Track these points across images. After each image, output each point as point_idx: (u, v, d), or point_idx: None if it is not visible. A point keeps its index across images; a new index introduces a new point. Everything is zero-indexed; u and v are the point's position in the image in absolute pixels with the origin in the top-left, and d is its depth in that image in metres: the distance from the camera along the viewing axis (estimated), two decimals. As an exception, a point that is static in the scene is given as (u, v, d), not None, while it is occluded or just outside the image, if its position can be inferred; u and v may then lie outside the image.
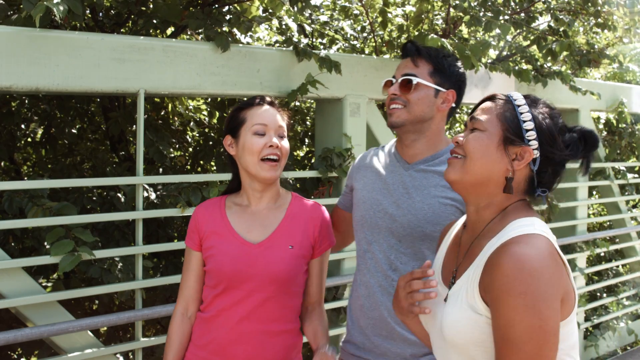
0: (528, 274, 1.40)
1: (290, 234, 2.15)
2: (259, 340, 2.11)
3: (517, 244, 1.46)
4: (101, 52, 2.91)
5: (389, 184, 2.20)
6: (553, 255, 1.46)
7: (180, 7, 3.72)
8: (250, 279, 2.10)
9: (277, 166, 2.15)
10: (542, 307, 1.39)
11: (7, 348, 3.98)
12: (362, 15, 5.07)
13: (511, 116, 1.61)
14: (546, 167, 1.59)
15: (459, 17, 4.43)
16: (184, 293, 2.23)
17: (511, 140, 1.58)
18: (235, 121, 2.18)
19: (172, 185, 3.41)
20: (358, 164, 2.38)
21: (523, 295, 1.39)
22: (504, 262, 1.43)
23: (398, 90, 2.15)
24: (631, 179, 5.92)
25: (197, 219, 2.22)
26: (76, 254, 2.82)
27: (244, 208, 2.21)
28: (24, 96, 4.33)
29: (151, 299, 3.87)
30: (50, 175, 4.11)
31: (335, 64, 3.51)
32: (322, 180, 3.80)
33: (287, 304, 2.15)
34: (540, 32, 4.76)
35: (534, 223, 1.52)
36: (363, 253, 2.24)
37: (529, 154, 1.57)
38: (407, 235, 2.11)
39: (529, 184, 1.61)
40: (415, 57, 2.18)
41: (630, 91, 6.04)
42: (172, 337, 2.22)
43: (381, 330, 2.15)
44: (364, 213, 2.23)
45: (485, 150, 1.60)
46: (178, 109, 4.71)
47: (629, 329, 5.93)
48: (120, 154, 4.52)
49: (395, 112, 2.15)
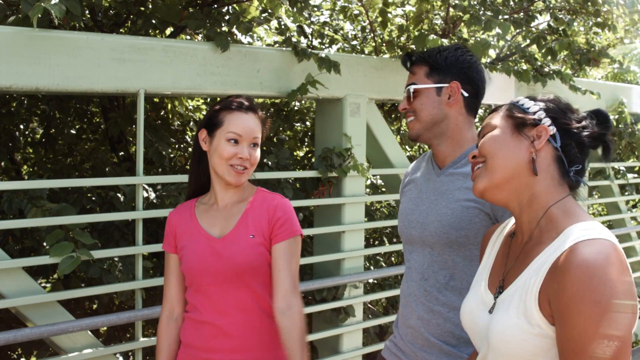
0: (601, 281, 1.31)
1: (251, 224, 2.18)
2: (241, 331, 2.15)
3: (585, 248, 1.36)
4: (101, 52, 2.91)
5: (423, 192, 2.16)
6: (622, 261, 1.37)
7: (179, 7, 3.71)
8: (218, 273, 2.14)
9: (245, 173, 2.19)
10: (616, 316, 1.31)
11: (7, 348, 3.98)
12: (361, 15, 5.07)
13: (517, 109, 1.60)
14: (568, 140, 1.53)
15: (458, 16, 4.42)
16: (168, 296, 2.30)
17: (524, 124, 1.55)
18: (213, 120, 2.20)
19: (172, 186, 3.40)
20: (403, 180, 2.36)
21: (598, 303, 1.31)
22: (572, 270, 1.35)
23: (406, 104, 2.13)
24: (631, 179, 5.92)
25: (171, 222, 2.30)
26: (75, 256, 2.82)
27: (210, 206, 2.27)
28: (24, 96, 4.33)
29: (151, 299, 3.86)
30: (50, 176, 4.11)
31: (334, 64, 3.51)
32: (322, 180, 3.79)
33: (261, 292, 2.17)
34: (539, 31, 4.75)
35: (594, 227, 1.43)
36: (406, 263, 2.21)
37: (545, 131, 1.53)
38: (436, 243, 2.05)
39: (560, 165, 1.54)
40: (411, 66, 2.16)
41: (630, 91, 6.04)
42: (160, 341, 2.29)
43: (417, 339, 2.10)
44: (401, 224, 2.21)
45: (502, 143, 1.57)
46: (178, 109, 4.71)
47: (629, 329, 5.92)
48: (119, 154, 4.52)
49: (409, 125, 2.14)
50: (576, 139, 1.54)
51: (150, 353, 3.73)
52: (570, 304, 1.33)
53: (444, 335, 2.04)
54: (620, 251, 1.39)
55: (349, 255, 3.84)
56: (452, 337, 2.02)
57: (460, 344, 2.02)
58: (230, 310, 2.15)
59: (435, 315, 2.05)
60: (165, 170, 4.18)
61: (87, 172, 4.40)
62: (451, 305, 2.03)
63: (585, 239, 1.38)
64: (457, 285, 2.03)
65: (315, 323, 4.04)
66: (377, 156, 4.16)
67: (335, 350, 3.88)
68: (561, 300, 1.35)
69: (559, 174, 1.54)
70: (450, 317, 2.03)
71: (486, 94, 2.25)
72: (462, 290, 2.01)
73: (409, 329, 2.13)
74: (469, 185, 2.00)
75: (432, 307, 2.05)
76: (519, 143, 1.55)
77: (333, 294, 3.83)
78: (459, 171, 2.07)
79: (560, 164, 1.54)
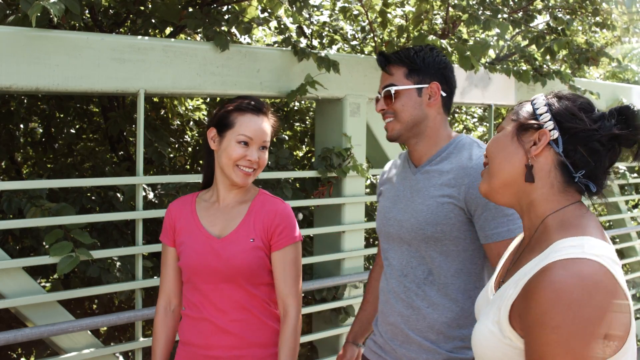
0: (564, 306, 1.24)
1: (252, 228, 2.19)
2: (239, 329, 2.17)
3: (558, 269, 1.28)
4: (101, 52, 2.91)
5: (399, 191, 2.20)
6: (601, 284, 1.26)
7: (178, 7, 3.72)
8: (216, 272, 2.15)
9: (251, 175, 2.20)
10: (578, 345, 1.23)
11: (7, 348, 3.98)
12: (361, 15, 5.07)
13: (525, 109, 1.51)
14: (574, 145, 1.42)
15: (458, 16, 4.43)
16: (164, 288, 2.32)
17: (524, 128, 1.47)
18: (224, 121, 2.20)
19: (171, 185, 3.41)
20: (380, 180, 2.39)
21: (557, 329, 1.24)
22: (539, 291, 1.28)
23: (384, 104, 2.15)
24: (631, 179, 5.92)
25: (171, 215, 2.30)
26: (74, 255, 2.82)
27: (211, 203, 2.27)
28: (24, 96, 4.33)
29: (150, 298, 3.86)
30: (50, 175, 4.11)
31: (333, 63, 3.51)
32: (321, 181, 3.79)
33: (258, 294, 2.19)
34: (539, 31, 4.75)
35: (583, 244, 1.32)
36: (384, 261, 2.24)
37: (545, 136, 1.43)
38: (413, 239, 2.10)
39: (564, 170, 1.44)
40: (388, 66, 2.16)
41: (630, 91, 6.05)
42: (157, 333, 2.30)
43: (397, 336, 2.14)
44: (378, 222, 2.25)
45: (501, 146, 1.51)
46: (177, 109, 4.71)
47: (628, 329, 5.93)
48: (119, 153, 4.52)
49: (388, 125, 2.16)
50: (584, 142, 1.42)
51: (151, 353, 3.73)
52: (533, 326, 1.28)
53: (424, 331, 2.07)
54: (606, 274, 1.28)
55: (349, 255, 3.84)
56: (432, 332, 2.06)
57: (440, 340, 2.05)
58: (228, 309, 2.17)
59: (415, 311, 2.09)
60: (165, 170, 4.18)
61: (86, 171, 4.40)
62: (430, 300, 2.07)
63: (566, 257, 1.30)
64: (435, 280, 2.07)
65: (315, 323, 4.05)
66: (377, 156, 4.16)
67: (336, 350, 3.88)
68: (525, 321, 1.31)
69: (563, 180, 1.45)
70: (429, 313, 2.07)
71: (486, 94, 2.26)
72: (440, 285, 2.06)
73: (389, 326, 2.17)
74: (444, 182, 2.05)
75: (411, 303, 2.09)
76: (518, 148, 1.48)
77: (333, 294, 3.83)
78: (434, 168, 2.11)
79: (565, 169, 1.44)
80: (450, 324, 2.05)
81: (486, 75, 4.52)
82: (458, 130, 7.06)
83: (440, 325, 2.05)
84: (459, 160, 2.06)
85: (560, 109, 1.45)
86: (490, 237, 1.98)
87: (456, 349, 2.04)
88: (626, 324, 1.30)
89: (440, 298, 2.05)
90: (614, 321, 1.27)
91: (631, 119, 1.41)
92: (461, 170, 2.03)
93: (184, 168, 4.69)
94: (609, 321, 1.26)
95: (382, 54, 2.18)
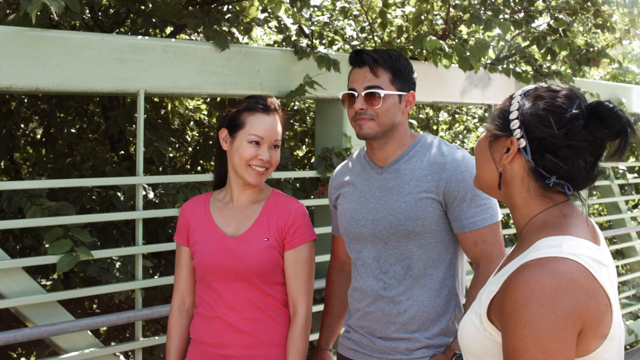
0: (536, 302, 1.27)
1: (266, 227, 2.21)
2: (252, 327, 2.18)
3: (534, 267, 1.32)
4: (101, 52, 2.91)
5: (365, 192, 2.23)
6: (576, 283, 1.29)
7: (179, 6, 3.72)
8: (230, 271, 2.17)
9: (264, 174, 2.22)
10: (548, 340, 1.27)
11: (7, 348, 3.98)
12: (361, 15, 5.07)
13: (501, 112, 1.50)
14: (541, 152, 1.41)
15: (458, 16, 4.43)
16: (179, 287, 2.33)
17: (496, 136, 1.48)
18: (235, 121, 2.21)
19: (171, 185, 3.41)
20: (333, 184, 2.40)
21: (529, 324, 1.27)
22: (515, 287, 1.31)
23: (364, 104, 2.14)
24: (631, 179, 5.92)
25: (185, 215, 2.31)
26: (74, 254, 2.83)
27: (225, 203, 2.28)
28: (24, 95, 4.33)
29: (150, 298, 3.87)
30: (50, 175, 4.11)
31: (334, 62, 3.51)
32: (321, 180, 3.79)
33: (271, 293, 2.20)
34: (539, 32, 4.75)
35: (562, 243, 1.35)
36: (354, 261, 2.27)
37: (514, 145, 1.43)
38: (391, 236, 2.14)
39: (537, 176, 1.44)
40: (374, 66, 2.15)
41: (630, 91, 6.05)
42: (171, 332, 2.32)
43: (375, 332, 2.19)
44: (346, 225, 2.26)
45: (480, 152, 1.55)
46: (177, 109, 4.72)
47: (629, 329, 5.93)
48: (119, 153, 4.52)
49: (364, 124, 2.15)
50: (552, 149, 1.40)
51: (150, 353, 3.73)
52: (507, 321, 1.32)
53: (405, 324, 2.14)
54: (582, 272, 1.31)
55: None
56: (413, 323, 2.14)
57: (420, 329, 2.14)
58: (241, 307, 2.18)
59: (396, 305, 2.15)
60: (165, 170, 4.18)
61: (87, 171, 4.40)
62: (410, 293, 2.14)
63: (543, 256, 1.33)
64: (414, 273, 2.14)
65: (315, 323, 4.04)
66: (377, 156, 4.15)
67: (335, 350, 3.87)
68: (502, 316, 1.34)
69: (538, 185, 1.45)
70: (411, 305, 2.14)
71: (486, 94, 2.28)
72: (419, 277, 2.14)
73: (367, 322, 2.20)
74: (419, 178, 2.14)
75: (392, 299, 2.15)
76: (492, 152, 1.50)
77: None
78: (405, 167, 2.18)
79: (539, 174, 1.44)
80: (429, 314, 2.14)
81: (486, 75, 4.52)
82: (459, 131, 7.07)
83: (421, 316, 2.13)
84: (431, 158, 2.16)
85: (529, 114, 1.42)
86: (466, 227, 2.10)
87: (435, 335, 2.14)
88: (606, 323, 1.32)
89: (420, 290, 2.14)
90: (590, 319, 1.29)
91: (605, 117, 1.37)
92: (436, 166, 2.13)
93: (184, 168, 4.69)
94: (583, 318, 1.29)
95: (365, 52, 2.18)
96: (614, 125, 1.36)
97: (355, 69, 2.21)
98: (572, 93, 1.44)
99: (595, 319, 1.30)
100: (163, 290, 3.84)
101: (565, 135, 1.38)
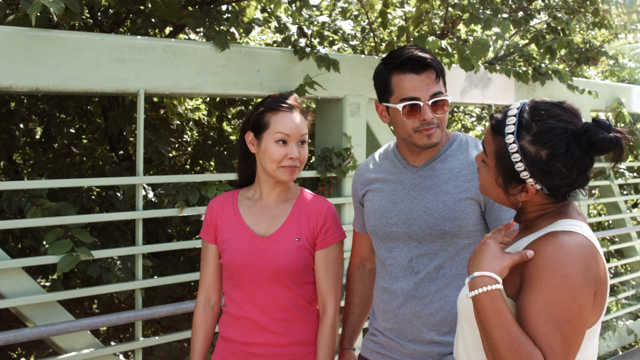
0: (570, 260, 1.44)
1: (297, 227, 2.21)
2: (280, 327, 2.18)
3: (563, 234, 1.49)
4: (101, 52, 2.91)
5: (398, 190, 2.17)
6: (594, 259, 1.48)
7: (178, 7, 3.72)
8: (261, 271, 2.16)
9: (296, 171, 2.20)
10: (582, 295, 1.43)
11: (7, 348, 3.98)
12: (361, 15, 5.07)
13: (504, 156, 1.57)
14: (555, 185, 1.55)
15: (457, 15, 4.42)
16: (204, 284, 2.32)
17: (509, 183, 1.58)
18: (260, 122, 2.21)
19: (171, 185, 3.41)
20: (359, 180, 2.33)
21: (566, 277, 1.43)
22: (548, 244, 1.48)
23: (431, 113, 2.03)
24: (630, 178, 5.92)
25: (212, 213, 2.29)
26: (74, 254, 2.82)
27: (254, 201, 2.27)
28: (23, 96, 4.33)
29: (150, 298, 3.87)
30: (50, 175, 4.11)
31: (333, 62, 3.51)
32: (321, 181, 3.79)
33: (301, 293, 2.21)
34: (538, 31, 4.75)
35: (582, 226, 1.54)
36: (383, 260, 2.21)
37: (531, 189, 1.56)
38: (426, 236, 2.09)
39: (554, 196, 1.59)
40: (435, 71, 2.05)
41: (630, 91, 6.05)
42: (196, 327, 2.32)
43: (405, 334, 2.14)
44: (376, 222, 2.20)
45: (492, 187, 1.64)
46: (177, 109, 4.71)
47: (628, 329, 5.93)
48: (119, 153, 4.52)
49: (433, 133, 2.05)
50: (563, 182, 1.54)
51: (150, 353, 3.73)
52: (542, 272, 1.45)
53: (437, 325, 2.10)
54: (597, 250, 1.51)
55: (349, 255, 3.83)
56: (445, 325, 2.09)
57: (452, 331, 2.08)
58: (270, 308, 2.18)
59: (428, 307, 2.10)
60: (165, 170, 4.17)
61: (86, 171, 4.40)
62: (443, 294, 2.09)
63: (570, 229, 1.51)
64: (446, 273, 2.10)
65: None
66: (376, 156, 4.16)
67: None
68: (532, 268, 1.48)
69: (551, 200, 1.59)
70: (443, 306, 2.09)
71: (486, 94, 2.26)
72: (452, 277, 2.09)
73: (397, 325, 2.16)
74: (458, 178, 2.09)
75: (424, 300, 2.10)
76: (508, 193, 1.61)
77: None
78: (441, 166, 2.12)
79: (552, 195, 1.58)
80: None
81: (486, 75, 4.52)
82: (457, 129, 7.07)
83: (453, 317, 2.07)
84: (469, 157, 2.11)
85: (537, 167, 1.53)
86: None
87: None
88: (604, 298, 1.51)
89: (453, 290, 2.08)
90: (601, 293, 1.49)
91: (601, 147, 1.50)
92: (475, 166, 2.04)
93: (183, 168, 4.69)
94: (601, 290, 1.48)
95: (419, 58, 2.04)
96: (610, 148, 1.52)
97: (409, 75, 2.05)
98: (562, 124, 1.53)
99: (603, 294, 1.49)
100: (163, 290, 3.84)
101: (577, 173, 1.53)
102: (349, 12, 5.09)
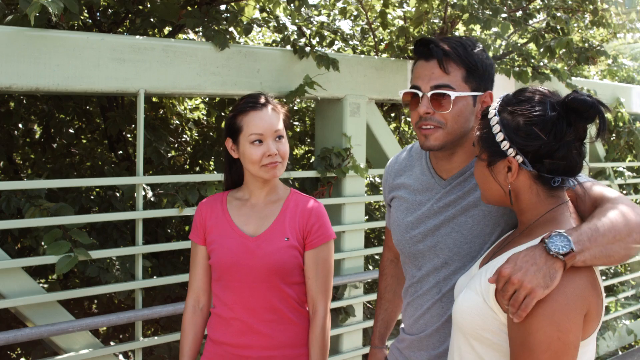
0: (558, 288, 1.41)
1: (286, 227, 2.20)
2: (269, 329, 2.17)
3: None
4: (101, 52, 2.90)
5: (424, 202, 1.96)
6: (583, 270, 1.45)
7: (177, 6, 3.71)
8: (250, 271, 2.16)
9: (279, 166, 2.20)
10: (562, 318, 1.40)
11: (7, 348, 3.98)
12: (361, 15, 5.06)
13: (487, 135, 1.60)
14: (540, 160, 1.53)
15: (456, 15, 4.42)
16: (193, 286, 2.31)
17: (493, 161, 1.59)
18: (234, 127, 2.21)
19: (170, 185, 3.40)
20: (388, 181, 2.13)
21: (542, 303, 1.40)
22: None
23: (430, 107, 1.79)
24: (630, 178, 5.92)
25: (201, 214, 2.29)
26: (73, 255, 2.82)
27: (243, 202, 2.27)
28: (22, 96, 4.32)
29: (150, 298, 3.86)
30: (49, 175, 4.10)
31: (332, 61, 3.51)
32: (321, 181, 3.79)
33: (290, 294, 2.20)
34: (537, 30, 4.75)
35: None
36: (411, 276, 2.03)
37: (513, 163, 1.56)
38: (454, 255, 1.89)
39: (542, 180, 1.56)
40: (445, 60, 1.78)
41: (630, 91, 6.05)
42: (185, 330, 2.30)
43: (429, 348, 1.98)
44: (399, 238, 2.02)
45: (483, 177, 1.65)
46: (176, 109, 4.71)
47: (628, 329, 5.94)
48: (118, 153, 4.51)
49: (431, 134, 1.81)
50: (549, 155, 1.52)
51: (150, 353, 3.72)
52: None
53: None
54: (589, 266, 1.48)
55: (349, 255, 3.84)
56: None
57: None
58: (259, 309, 2.17)
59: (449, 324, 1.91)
60: (165, 170, 4.17)
61: (86, 171, 4.40)
62: None
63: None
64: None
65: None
66: (377, 156, 4.16)
67: (336, 350, 3.88)
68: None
69: (545, 188, 1.58)
70: None
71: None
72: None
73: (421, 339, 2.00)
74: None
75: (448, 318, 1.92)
76: (495, 176, 1.61)
77: (333, 294, 3.83)
78: (472, 180, 1.88)
79: (543, 179, 1.56)
80: None
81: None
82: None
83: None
84: None
85: (514, 132, 1.54)
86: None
87: None
88: (599, 312, 1.48)
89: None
90: (593, 304, 1.45)
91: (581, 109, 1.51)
92: None
93: (183, 168, 4.68)
94: (589, 303, 1.44)
95: (434, 42, 1.80)
96: (590, 113, 1.51)
97: (420, 62, 1.83)
98: (541, 95, 1.57)
99: (592, 306, 1.45)
100: (163, 290, 3.84)
101: (555, 138, 1.51)
102: (349, 12, 5.08)
